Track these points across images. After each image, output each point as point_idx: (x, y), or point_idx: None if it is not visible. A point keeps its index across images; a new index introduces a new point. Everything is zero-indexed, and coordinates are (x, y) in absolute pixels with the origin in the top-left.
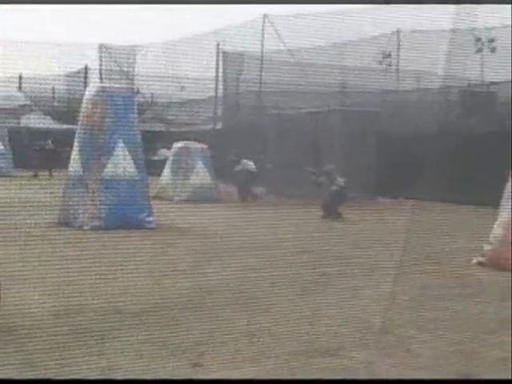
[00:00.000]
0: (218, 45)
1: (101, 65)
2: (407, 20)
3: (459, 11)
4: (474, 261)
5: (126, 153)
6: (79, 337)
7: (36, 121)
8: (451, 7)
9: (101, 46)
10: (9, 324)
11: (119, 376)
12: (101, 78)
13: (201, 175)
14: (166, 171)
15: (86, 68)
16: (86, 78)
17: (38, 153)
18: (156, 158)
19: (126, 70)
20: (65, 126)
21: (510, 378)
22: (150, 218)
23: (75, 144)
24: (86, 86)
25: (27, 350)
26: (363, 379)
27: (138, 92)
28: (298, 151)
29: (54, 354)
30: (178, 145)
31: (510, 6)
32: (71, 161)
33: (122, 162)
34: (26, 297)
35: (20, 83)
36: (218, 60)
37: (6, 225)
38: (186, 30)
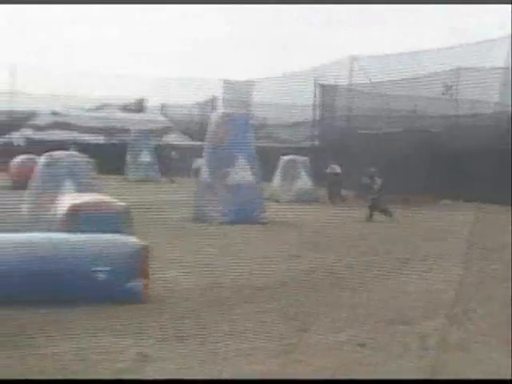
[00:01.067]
0: (315, 79)
1: (225, 95)
2: (466, 59)
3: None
4: None
5: (245, 164)
6: (216, 307)
7: (175, 139)
8: (504, 49)
9: (225, 81)
10: (158, 297)
11: (243, 341)
12: (224, 106)
13: (303, 181)
14: (276, 178)
15: (213, 98)
16: (213, 105)
17: (175, 163)
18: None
19: (243, 99)
20: (197, 144)
21: (509, 378)
22: (263, 215)
23: (204, 157)
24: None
25: (176, 318)
26: (363, 379)
27: (254, 116)
28: (379, 162)
29: (197, 320)
30: (285, 158)
31: (510, 5)
32: (202, 170)
33: (241, 171)
34: (174, 276)
35: (163, 110)
36: (315, 91)
37: (155, 219)
38: (291, 67)
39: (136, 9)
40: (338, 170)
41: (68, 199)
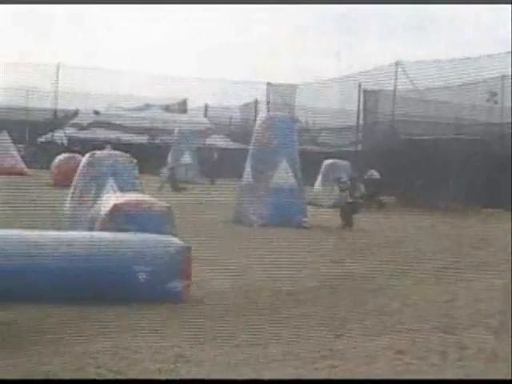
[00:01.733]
0: (359, 84)
1: (268, 98)
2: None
3: None
4: None
5: (288, 167)
6: (254, 311)
7: (217, 141)
8: None
9: (268, 84)
10: (198, 298)
11: (277, 342)
12: (268, 109)
13: None
14: (318, 182)
15: (256, 101)
16: (256, 108)
17: (215, 165)
18: None
19: (287, 102)
20: (239, 146)
21: (510, 378)
22: (306, 219)
23: (248, 159)
24: (255, 115)
25: (214, 320)
26: (364, 379)
27: (297, 120)
28: (422, 169)
29: (234, 323)
30: (327, 162)
31: (509, 5)
32: (245, 172)
33: (284, 174)
34: (214, 278)
35: (206, 111)
36: (359, 96)
37: (195, 220)
38: (333, 72)
39: (178, 9)
40: (376, 175)
41: (111, 198)
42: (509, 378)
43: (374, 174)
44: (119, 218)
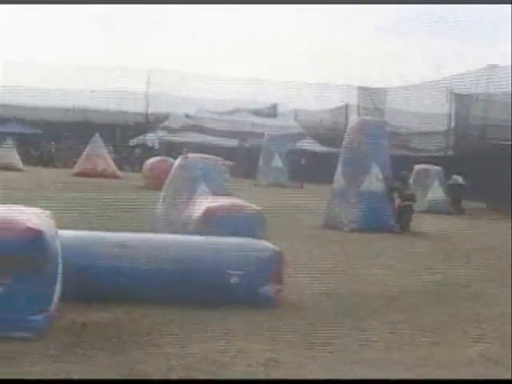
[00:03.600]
0: (450, 89)
1: (358, 102)
2: None
3: None
4: None
5: (379, 172)
6: (346, 316)
7: (306, 144)
8: None
9: (359, 88)
10: (290, 303)
11: (379, 348)
12: (358, 113)
13: (436, 192)
14: None
15: (347, 105)
16: (346, 112)
17: (304, 169)
18: None
19: (377, 106)
20: (328, 150)
21: (510, 378)
22: (396, 224)
23: (339, 164)
24: (346, 119)
25: (307, 325)
26: (364, 379)
27: (388, 125)
28: None
29: (327, 328)
30: (418, 167)
31: (509, 5)
32: (335, 176)
33: (375, 179)
34: (304, 282)
35: (295, 115)
36: (450, 100)
37: (286, 224)
38: (424, 76)
39: (269, 14)
40: (460, 180)
41: (203, 202)
42: (509, 377)
43: (458, 179)
44: (212, 222)
